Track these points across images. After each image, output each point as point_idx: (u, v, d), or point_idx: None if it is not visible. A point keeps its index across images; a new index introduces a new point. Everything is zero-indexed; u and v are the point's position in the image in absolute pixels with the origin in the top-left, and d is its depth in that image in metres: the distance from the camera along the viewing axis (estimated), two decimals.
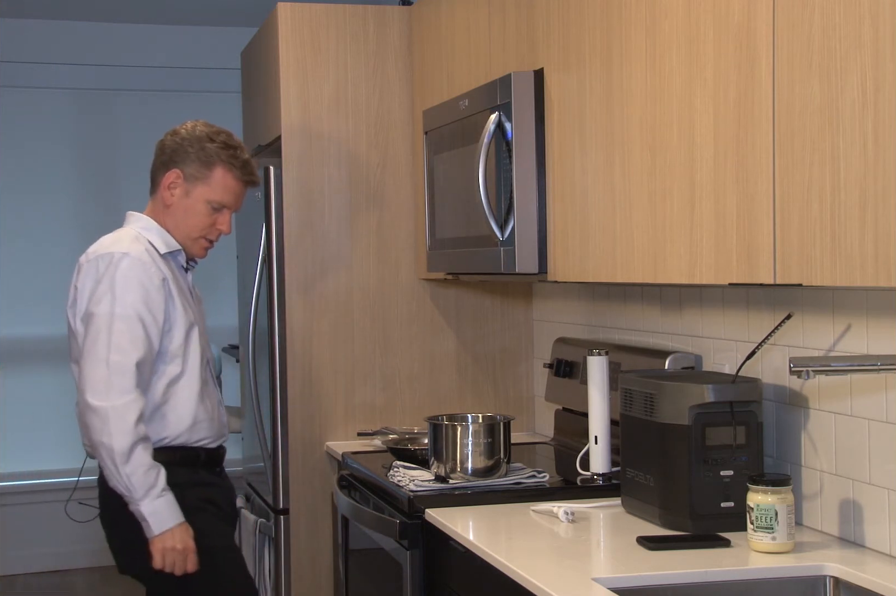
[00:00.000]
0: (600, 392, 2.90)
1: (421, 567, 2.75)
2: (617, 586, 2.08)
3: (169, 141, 2.87)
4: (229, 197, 2.87)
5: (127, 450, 2.65)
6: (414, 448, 3.24)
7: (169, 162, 2.85)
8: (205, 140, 2.84)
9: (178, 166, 2.84)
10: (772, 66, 1.95)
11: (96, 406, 2.66)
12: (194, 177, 2.84)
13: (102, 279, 2.73)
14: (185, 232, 2.87)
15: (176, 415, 2.84)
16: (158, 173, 2.88)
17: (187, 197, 2.85)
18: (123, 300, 2.71)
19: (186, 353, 2.83)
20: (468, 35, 3.26)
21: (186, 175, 2.84)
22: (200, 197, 2.85)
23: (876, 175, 1.73)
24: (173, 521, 2.70)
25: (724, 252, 2.09)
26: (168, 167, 2.85)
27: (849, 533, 2.33)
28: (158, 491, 2.68)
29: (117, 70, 6.10)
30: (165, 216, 2.87)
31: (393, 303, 3.81)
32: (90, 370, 2.69)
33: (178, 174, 2.84)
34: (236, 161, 2.86)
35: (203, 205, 2.85)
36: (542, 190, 2.77)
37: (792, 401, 2.50)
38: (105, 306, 2.71)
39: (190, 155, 2.83)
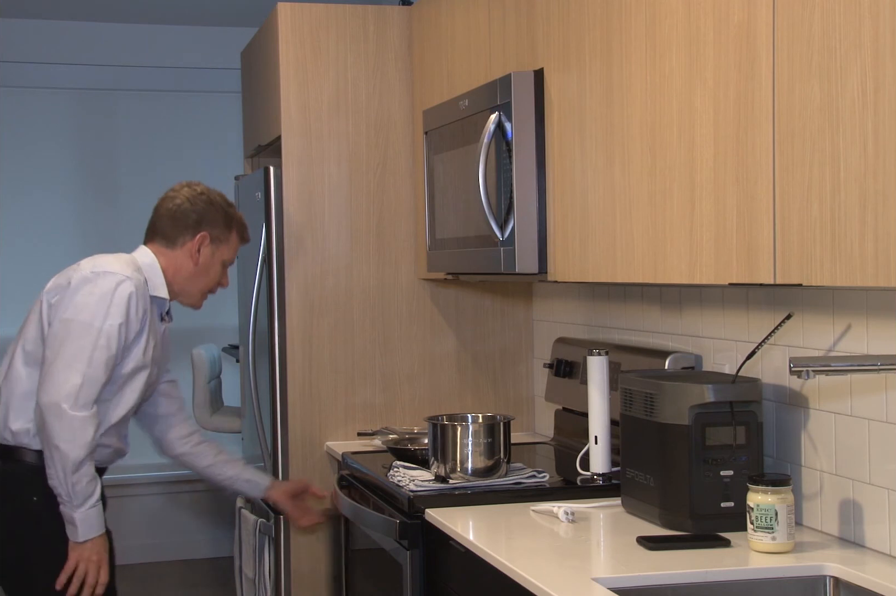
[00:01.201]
0: (600, 392, 2.90)
1: (421, 567, 2.75)
2: (617, 586, 2.08)
3: (197, 203, 3.03)
4: (234, 255, 3.11)
5: (80, 460, 2.76)
6: (414, 448, 3.24)
7: (197, 225, 3.01)
8: (225, 205, 3.06)
9: (206, 229, 3.01)
10: (772, 66, 1.95)
11: (65, 412, 2.75)
12: (219, 239, 3.03)
13: (101, 295, 2.82)
14: (200, 287, 3.05)
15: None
16: (183, 232, 3.00)
17: (212, 257, 3.03)
18: (114, 320, 2.82)
19: (122, 391, 2.92)
20: (468, 35, 3.26)
21: (212, 237, 3.02)
22: (219, 258, 3.05)
23: (876, 175, 1.73)
24: (99, 530, 2.83)
25: (724, 252, 2.09)
26: (197, 230, 3.01)
27: (849, 533, 2.33)
28: (94, 501, 2.81)
29: (117, 70, 6.10)
30: (183, 271, 3.02)
31: (393, 303, 3.81)
32: (65, 375, 2.76)
33: (206, 237, 3.00)
34: (243, 225, 3.11)
35: (219, 265, 3.06)
36: (542, 190, 2.77)
37: (792, 401, 2.50)
38: (97, 320, 2.80)
39: (218, 220, 3.03)
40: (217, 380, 5.45)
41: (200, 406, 5.30)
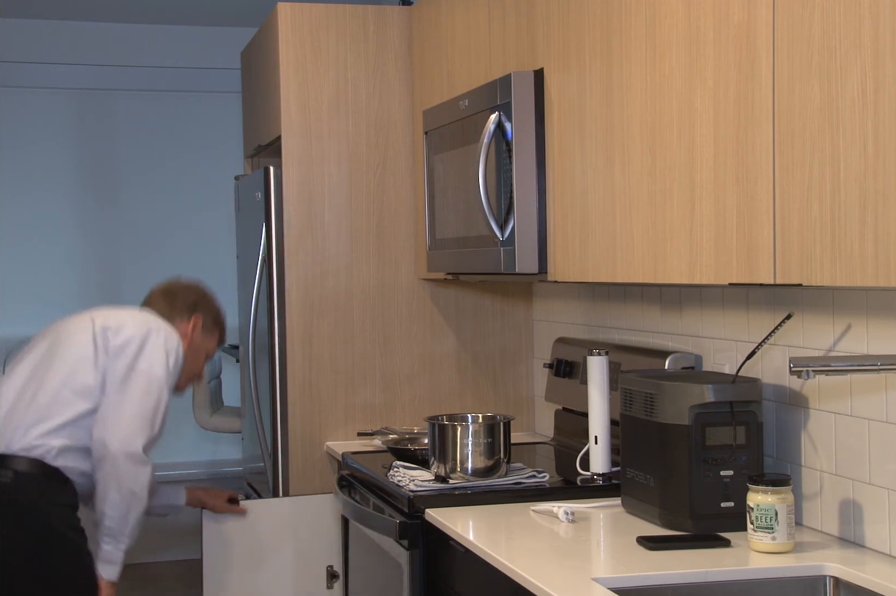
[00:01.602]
0: (600, 392, 2.90)
1: (421, 567, 2.75)
2: (617, 586, 2.08)
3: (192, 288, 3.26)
4: (214, 351, 3.31)
5: (145, 505, 2.95)
6: (414, 448, 3.24)
7: (194, 306, 3.20)
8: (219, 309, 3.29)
9: (201, 314, 3.21)
10: (772, 66, 1.95)
11: (145, 462, 2.93)
12: (208, 329, 3.23)
13: (168, 351, 3.00)
14: (188, 370, 3.18)
15: None
16: (181, 312, 3.18)
17: (202, 342, 3.22)
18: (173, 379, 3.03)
19: None
20: (468, 35, 3.26)
21: (204, 325, 3.21)
22: (204, 348, 3.24)
23: (876, 175, 1.73)
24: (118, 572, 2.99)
25: (724, 252, 2.09)
26: (193, 311, 3.20)
27: (849, 533, 2.33)
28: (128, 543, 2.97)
29: (117, 70, 6.10)
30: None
31: (393, 303, 3.81)
32: (141, 426, 2.92)
33: (199, 320, 3.20)
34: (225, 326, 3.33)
35: (204, 353, 3.25)
36: (542, 190, 2.77)
37: (792, 401, 2.50)
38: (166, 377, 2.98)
39: (211, 309, 3.25)
40: (217, 380, 5.45)
41: (200, 406, 5.30)
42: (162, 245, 6.14)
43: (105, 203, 6.15)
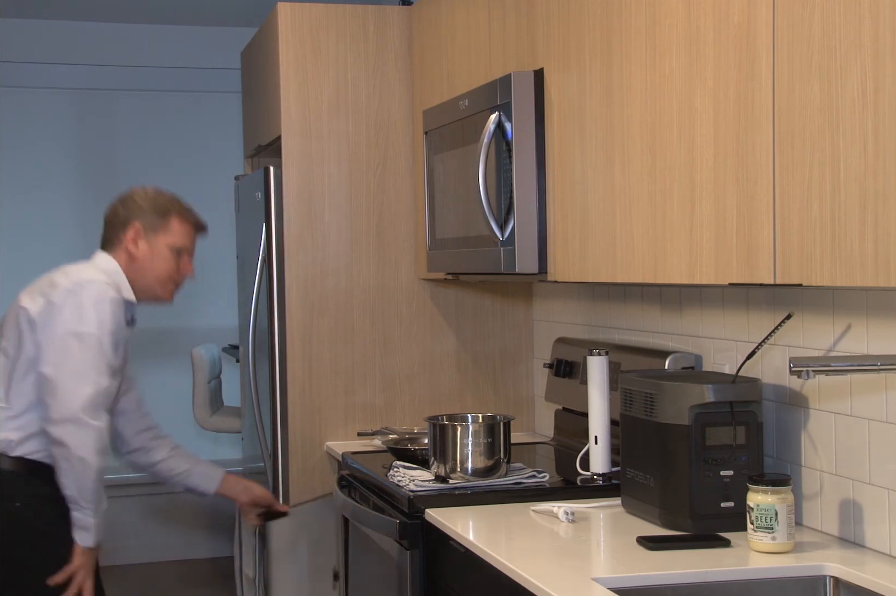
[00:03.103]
0: (600, 392, 2.90)
1: (421, 567, 2.75)
2: (617, 586, 2.08)
3: (118, 204, 3.09)
4: (188, 241, 3.09)
5: (101, 468, 2.83)
6: (414, 448, 3.24)
7: (125, 219, 3.04)
8: (156, 195, 3.08)
9: (137, 219, 3.04)
10: (772, 66, 1.95)
11: (87, 423, 2.80)
12: (154, 227, 3.04)
13: (91, 304, 2.87)
14: (154, 276, 3.05)
15: None
16: (118, 231, 3.05)
17: (150, 247, 3.03)
18: (106, 327, 2.87)
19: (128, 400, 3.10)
20: (468, 35, 3.26)
21: (146, 227, 3.03)
22: (163, 244, 3.04)
23: (876, 175, 1.73)
24: (100, 536, 2.89)
25: (724, 252, 2.09)
26: (127, 223, 3.04)
27: (849, 533, 2.33)
28: (105, 506, 2.88)
29: (117, 70, 6.10)
30: (131, 268, 3.04)
31: (393, 303, 3.81)
32: (76, 387, 2.81)
33: (137, 228, 3.03)
34: (189, 213, 3.11)
35: (166, 250, 3.04)
36: (542, 190, 2.77)
37: (792, 401, 2.50)
38: (94, 329, 2.85)
39: (144, 209, 3.05)
40: (217, 380, 5.45)
41: (200, 406, 5.30)
42: None
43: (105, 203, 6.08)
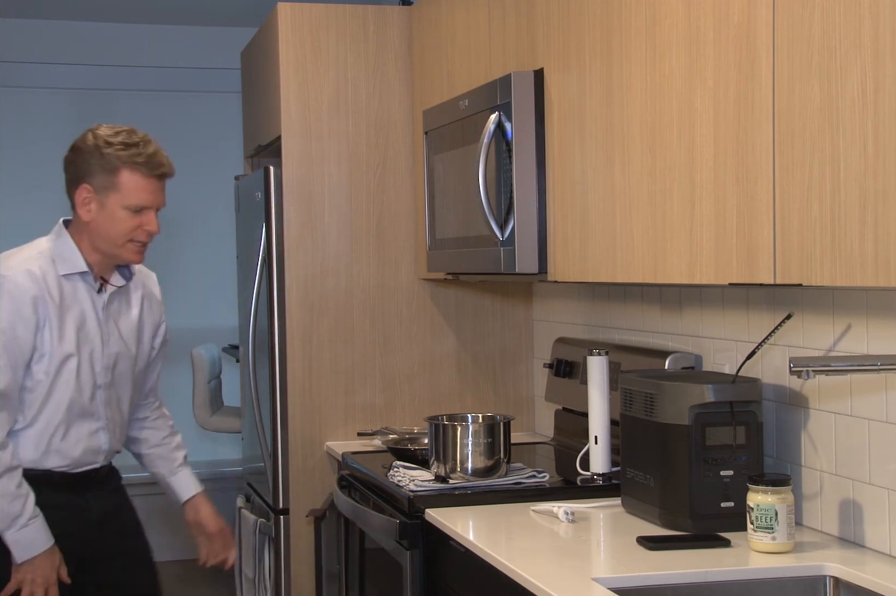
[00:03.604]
0: (600, 392, 2.90)
1: (421, 567, 2.74)
2: (617, 586, 2.08)
3: (70, 156, 2.79)
4: (145, 196, 2.75)
5: None
6: (414, 448, 3.24)
7: (75, 178, 2.75)
8: (103, 147, 2.73)
9: (86, 180, 2.73)
10: (772, 66, 1.95)
11: None
12: (104, 187, 2.72)
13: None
14: (109, 241, 2.75)
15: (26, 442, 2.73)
16: (70, 191, 2.77)
17: (103, 209, 2.73)
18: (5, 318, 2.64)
19: (52, 387, 2.72)
20: (468, 35, 3.26)
21: (96, 188, 2.72)
22: (116, 205, 2.72)
23: (876, 175, 1.73)
24: (38, 549, 2.66)
25: (724, 252, 2.09)
26: (77, 183, 2.74)
27: (849, 533, 2.33)
28: (24, 520, 2.63)
29: (117, 70, 6.10)
30: (86, 232, 2.76)
31: (393, 303, 3.81)
32: None
33: (87, 189, 2.73)
34: (139, 158, 2.73)
35: (121, 212, 2.73)
36: (542, 190, 2.77)
37: (792, 401, 2.50)
38: None
39: (92, 166, 2.73)
40: (217, 380, 5.45)
41: (200, 406, 5.30)
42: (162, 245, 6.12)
43: None
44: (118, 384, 2.87)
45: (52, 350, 2.70)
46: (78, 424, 2.78)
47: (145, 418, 3.09)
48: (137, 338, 2.92)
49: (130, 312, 2.90)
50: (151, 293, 2.99)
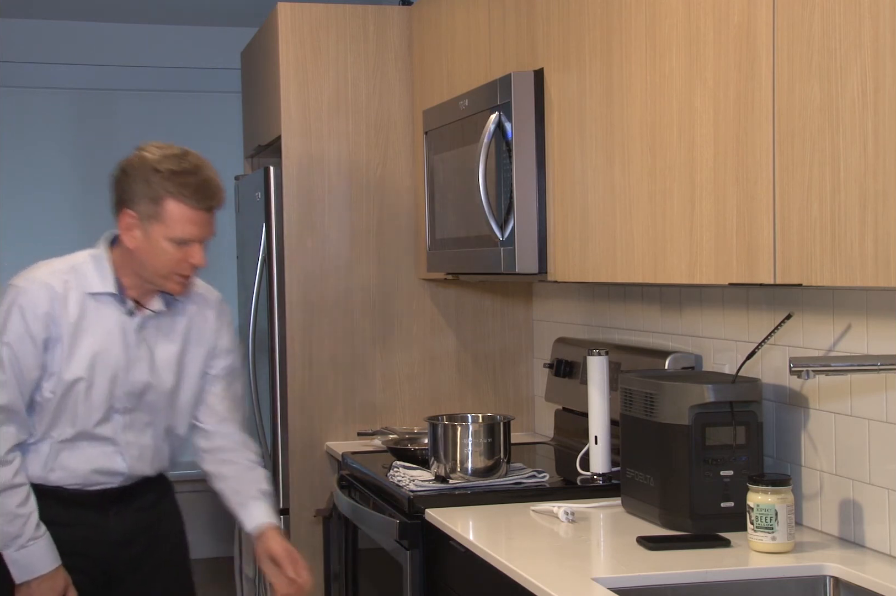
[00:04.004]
0: (600, 392, 2.90)
1: (421, 567, 2.75)
2: (617, 586, 2.08)
3: (115, 176, 2.59)
4: (191, 229, 2.53)
5: None
6: (414, 448, 3.24)
7: (120, 202, 2.57)
8: (148, 172, 2.52)
9: (129, 206, 2.54)
10: (772, 66, 1.95)
11: None
12: (148, 216, 2.51)
13: (11, 308, 2.54)
14: (152, 271, 2.56)
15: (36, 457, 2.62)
16: (114, 213, 2.60)
17: (147, 238, 2.53)
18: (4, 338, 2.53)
19: (60, 406, 2.58)
20: (468, 35, 3.26)
21: (140, 215, 2.52)
22: (160, 236, 2.52)
23: (876, 175, 1.73)
24: (38, 571, 2.53)
25: (724, 252, 2.09)
26: (121, 207, 2.56)
27: (849, 533, 2.33)
28: (24, 540, 2.51)
29: (117, 70, 6.10)
30: (129, 257, 2.58)
31: (393, 303, 3.81)
32: None
33: (131, 215, 2.53)
34: (187, 189, 2.51)
35: (165, 243, 2.52)
36: (542, 190, 2.77)
37: (792, 401, 2.50)
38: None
39: (136, 192, 2.52)
40: None
41: None
42: None
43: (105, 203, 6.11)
44: (148, 411, 2.67)
45: (60, 370, 2.55)
46: (86, 445, 2.63)
47: (220, 450, 2.79)
48: (178, 367, 2.69)
49: (171, 339, 2.68)
50: (202, 319, 2.73)
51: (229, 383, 2.79)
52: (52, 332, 2.54)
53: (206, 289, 2.80)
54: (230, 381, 2.79)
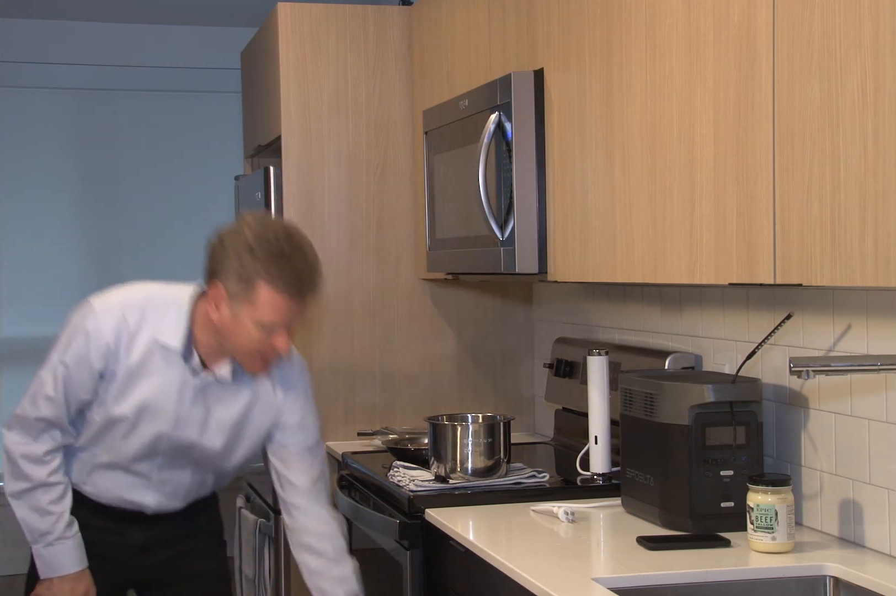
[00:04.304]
0: (600, 392, 2.90)
1: (421, 567, 2.75)
2: (617, 586, 2.08)
3: (212, 243, 2.42)
4: (281, 316, 2.38)
5: (11, 492, 2.53)
6: (414, 448, 3.24)
7: (211, 272, 2.40)
8: (244, 250, 2.34)
9: (220, 279, 2.38)
10: (772, 66, 1.95)
11: (4, 443, 2.51)
12: (237, 295, 2.36)
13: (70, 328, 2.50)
14: (233, 347, 2.45)
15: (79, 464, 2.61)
16: (205, 279, 2.44)
17: (233, 317, 2.39)
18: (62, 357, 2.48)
19: (99, 436, 2.55)
20: (468, 35, 3.26)
21: (230, 292, 2.36)
22: (246, 317, 2.37)
23: (876, 175, 1.73)
24: (61, 570, 2.54)
25: (724, 252, 2.09)
26: (212, 277, 2.40)
27: (849, 533, 2.33)
28: (52, 538, 2.52)
29: (117, 70, 6.10)
30: (211, 326, 2.46)
31: (393, 303, 3.81)
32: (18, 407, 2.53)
33: (220, 289, 2.38)
34: (282, 276, 2.34)
35: (251, 324, 2.38)
36: (542, 190, 2.77)
37: (792, 401, 2.50)
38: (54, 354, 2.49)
39: (229, 268, 2.35)
40: None
41: None
42: (162, 245, 6.14)
43: (105, 203, 6.15)
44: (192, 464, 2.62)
45: (105, 405, 2.50)
46: (120, 473, 2.60)
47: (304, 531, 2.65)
48: (234, 431, 2.58)
49: (233, 404, 2.57)
50: (270, 395, 2.59)
51: (309, 462, 2.65)
52: (109, 365, 2.46)
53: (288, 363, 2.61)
54: (309, 459, 2.65)
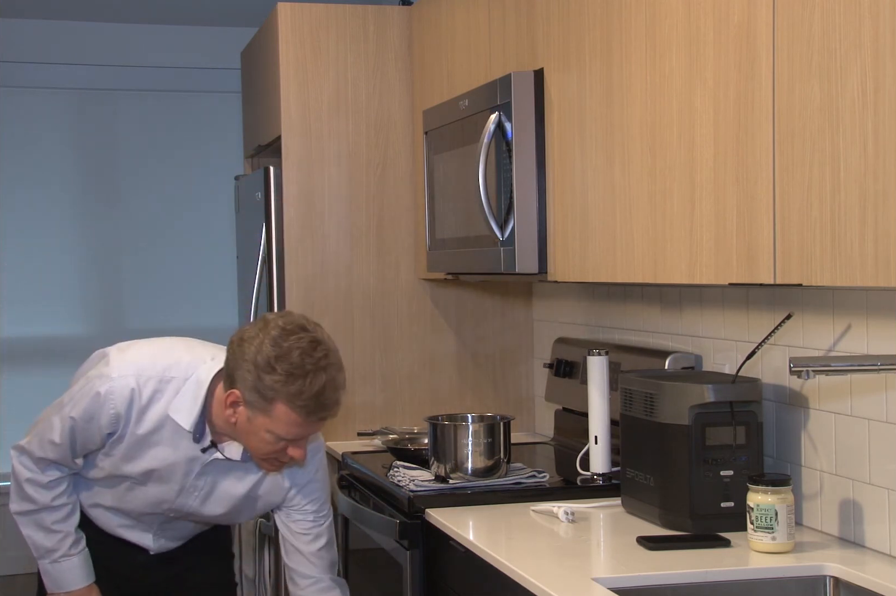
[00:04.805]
0: (600, 392, 2.90)
1: (421, 567, 2.75)
2: (617, 586, 2.08)
3: (235, 347, 2.33)
4: (298, 432, 2.31)
5: (16, 512, 2.56)
6: (414, 448, 3.24)
7: (230, 377, 2.32)
8: (263, 368, 2.25)
9: (238, 388, 2.30)
10: (772, 66, 1.95)
11: (12, 464, 2.53)
12: (254, 406, 2.29)
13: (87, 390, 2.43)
14: (247, 446, 2.41)
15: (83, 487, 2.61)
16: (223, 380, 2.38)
17: (249, 423, 2.32)
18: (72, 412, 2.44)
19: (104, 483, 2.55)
20: (468, 35, 3.26)
21: (246, 401, 2.29)
22: (262, 427, 2.30)
23: (876, 175, 1.73)
24: (67, 586, 2.57)
25: (724, 252, 2.09)
26: (230, 383, 2.33)
27: (849, 533, 2.33)
28: (57, 556, 2.55)
29: (117, 70, 6.10)
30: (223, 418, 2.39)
31: (393, 303, 3.81)
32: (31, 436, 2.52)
33: (238, 397, 2.30)
34: (300, 400, 2.25)
35: (266, 434, 2.32)
36: (542, 190, 2.77)
37: (792, 401, 2.50)
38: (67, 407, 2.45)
39: (248, 382, 2.27)
40: None
41: None
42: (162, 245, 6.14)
43: (105, 203, 6.15)
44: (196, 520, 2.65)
45: (113, 458, 2.48)
46: (118, 516, 2.63)
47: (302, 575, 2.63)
48: (241, 504, 2.58)
49: (240, 482, 2.55)
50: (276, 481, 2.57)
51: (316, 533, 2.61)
52: (117, 430, 2.43)
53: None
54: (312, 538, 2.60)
